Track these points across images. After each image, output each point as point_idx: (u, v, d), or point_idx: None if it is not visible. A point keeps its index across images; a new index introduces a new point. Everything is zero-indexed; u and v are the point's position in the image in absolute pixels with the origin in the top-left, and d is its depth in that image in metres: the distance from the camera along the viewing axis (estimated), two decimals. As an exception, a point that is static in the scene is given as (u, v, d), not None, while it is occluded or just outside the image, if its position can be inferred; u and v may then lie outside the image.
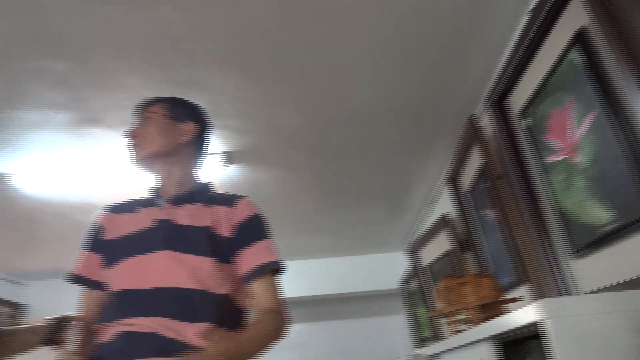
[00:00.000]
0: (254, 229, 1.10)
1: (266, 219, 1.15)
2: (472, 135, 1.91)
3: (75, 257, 1.15)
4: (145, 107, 1.18)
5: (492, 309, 1.35)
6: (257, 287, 1.05)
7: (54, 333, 1.14)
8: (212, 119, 1.65)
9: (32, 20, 1.40)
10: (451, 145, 2.26)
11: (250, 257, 1.06)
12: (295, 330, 4.09)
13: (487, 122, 1.83)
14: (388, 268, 3.97)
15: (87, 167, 2.21)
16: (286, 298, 1.13)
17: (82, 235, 3.04)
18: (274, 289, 1.07)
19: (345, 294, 3.97)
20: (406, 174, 2.58)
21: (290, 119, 1.98)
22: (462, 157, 2.11)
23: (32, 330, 1.14)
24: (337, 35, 1.54)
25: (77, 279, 1.12)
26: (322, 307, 4.23)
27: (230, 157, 2.22)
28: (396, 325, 4.21)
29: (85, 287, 1.13)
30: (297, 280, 3.79)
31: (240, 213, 1.11)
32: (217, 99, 1.81)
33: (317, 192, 2.69)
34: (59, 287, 3.82)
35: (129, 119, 1.89)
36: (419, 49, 1.63)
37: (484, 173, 1.88)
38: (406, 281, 3.64)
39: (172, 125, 1.16)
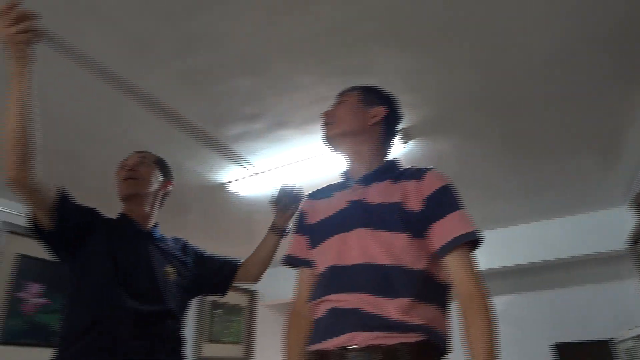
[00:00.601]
0: (444, 201, 1.07)
1: (456, 189, 1.12)
2: None
3: (288, 242, 1.29)
4: (342, 94, 1.27)
5: None
6: (452, 261, 1.02)
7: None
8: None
9: (226, 48, 1.62)
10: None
11: (443, 230, 1.04)
12: (505, 303, 3.87)
13: None
14: (608, 227, 3.43)
15: (283, 165, 2.48)
16: (490, 269, 1.07)
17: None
18: (470, 262, 1.03)
19: (557, 259, 3.57)
20: (618, 113, 2.18)
21: (463, 82, 1.87)
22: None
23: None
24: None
25: (290, 259, 1.25)
26: (531, 276, 3.90)
27: (407, 134, 2.21)
28: (628, 291, 3.62)
29: (297, 266, 1.25)
30: (500, 250, 3.57)
31: (429, 185, 1.09)
32: (384, 80, 1.82)
33: (505, 154, 2.49)
34: (278, 274, 4.40)
35: (309, 116, 2.05)
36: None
37: None
38: (636, 240, 3.09)
39: (363, 109, 1.22)
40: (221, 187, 2.71)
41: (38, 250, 1.43)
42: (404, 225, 1.05)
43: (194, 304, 3.71)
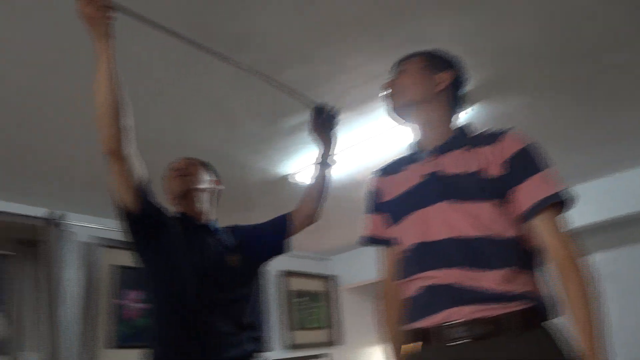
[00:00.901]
0: (525, 163, 1.02)
1: (538, 148, 1.05)
2: None
3: (364, 223, 1.26)
4: (402, 62, 1.21)
5: None
6: (540, 225, 0.97)
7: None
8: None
9: (272, 43, 1.63)
10: None
11: (526, 194, 0.99)
12: (601, 260, 3.61)
13: None
14: None
15: (343, 149, 2.47)
16: (586, 225, 1.00)
17: (358, 208, 3.37)
18: (559, 224, 0.97)
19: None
20: None
21: (524, 36, 1.74)
22: None
23: None
24: None
25: (369, 240, 1.23)
26: (628, 228, 3.61)
27: (471, 98, 2.11)
28: None
29: (377, 246, 1.24)
30: (592, 204, 3.30)
31: (508, 148, 1.03)
32: (439, 46, 1.74)
33: (577, 105, 2.30)
34: (355, 257, 4.43)
35: (364, 96, 2.02)
36: None
37: None
38: None
39: (428, 75, 1.15)
40: (285, 179, 2.75)
41: (130, 260, 1.52)
42: (486, 194, 1.00)
43: (277, 294, 3.84)
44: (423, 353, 1.00)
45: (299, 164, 2.60)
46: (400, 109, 1.16)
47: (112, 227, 2.74)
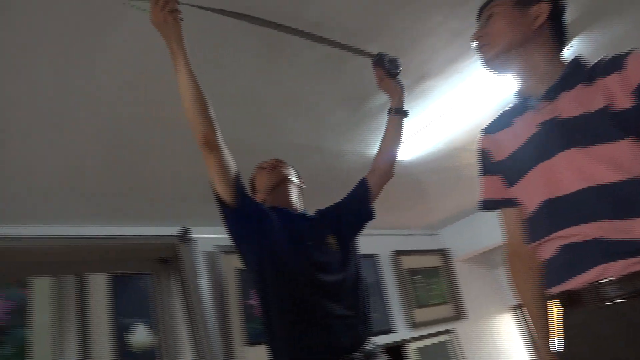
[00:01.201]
0: None
1: None
2: None
3: (479, 186, 1.18)
4: (487, 5, 1.11)
5: None
6: None
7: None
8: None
9: (344, 26, 1.61)
10: None
11: None
12: None
13: None
14: None
15: (435, 118, 2.37)
16: None
17: (460, 176, 3.23)
18: None
19: None
20: None
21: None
22: None
23: None
24: None
25: (488, 203, 1.16)
26: None
27: (571, 29, 1.91)
28: None
29: (498, 209, 1.15)
30: None
31: (635, 72, 0.90)
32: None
33: None
34: (465, 227, 4.27)
35: (448, 58, 1.92)
36: None
37: None
38: None
39: (521, 12, 1.04)
40: (383, 159, 2.71)
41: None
42: (621, 130, 0.88)
43: (391, 275, 3.84)
44: (575, 316, 0.92)
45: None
46: (497, 58, 1.06)
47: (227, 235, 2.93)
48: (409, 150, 2.65)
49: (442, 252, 4.38)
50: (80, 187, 2.18)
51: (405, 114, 1.65)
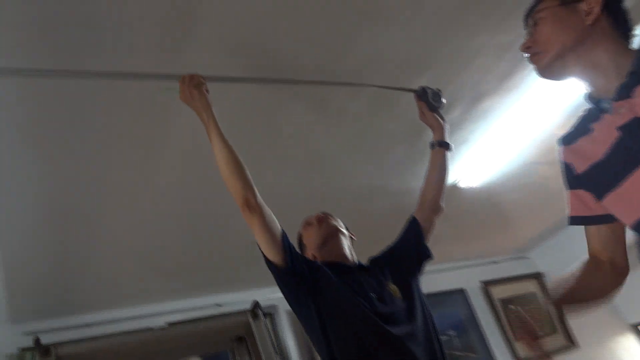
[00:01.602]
0: None
1: None
2: None
3: (566, 201, 1.08)
4: (532, 12, 1.02)
5: None
6: None
7: None
8: None
9: (392, 60, 1.59)
10: None
11: None
12: None
13: None
14: None
15: (500, 135, 2.25)
16: None
17: (541, 190, 3.00)
18: None
19: None
20: None
21: None
22: None
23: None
24: None
25: (575, 220, 1.05)
26: None
27: (635, 15, 1.76)
28: None
29: (588, 225, 1.05)
30: None
31: None
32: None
33: None
34: (556, 246, 3.93)
35: (502, 73, 1.83)
36: None
37: None
38: None
39: (569, 11, 0.95)
40: (454, 187, 2.60)
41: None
42: None
43: (485, 308, 3.57)
44: None
45: (460, 168, 2.45)
46: (551, 65, 0.97)
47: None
48: (477, 176, 2.53)
49: (535, 277, 4.03)
50: (160, 266, 2.27)
51: (447, 146, 1.57)
